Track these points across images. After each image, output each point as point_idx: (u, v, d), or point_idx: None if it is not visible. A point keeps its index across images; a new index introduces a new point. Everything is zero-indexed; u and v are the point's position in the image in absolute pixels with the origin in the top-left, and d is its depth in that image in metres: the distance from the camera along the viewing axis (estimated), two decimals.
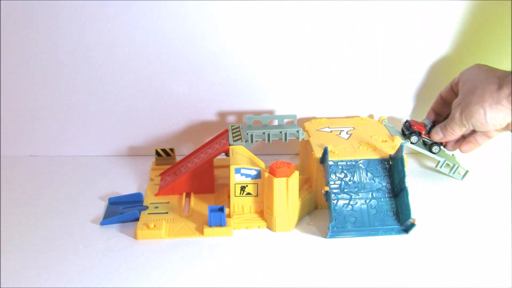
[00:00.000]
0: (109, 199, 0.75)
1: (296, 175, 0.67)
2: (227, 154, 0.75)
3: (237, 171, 0.68)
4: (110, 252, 0.64)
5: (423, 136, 0.78)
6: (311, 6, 0.79)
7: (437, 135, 0.75)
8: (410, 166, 0.84)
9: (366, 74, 0.84)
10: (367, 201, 0.69)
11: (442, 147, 0.79)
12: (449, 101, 0.76)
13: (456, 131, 0.71)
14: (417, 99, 0.85)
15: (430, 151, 0.78)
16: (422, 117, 0.82)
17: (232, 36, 0.81)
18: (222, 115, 0.86)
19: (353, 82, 0.84)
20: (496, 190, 0.78)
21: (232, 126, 0.79)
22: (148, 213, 0.71)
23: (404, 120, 0.80)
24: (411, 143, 0.78)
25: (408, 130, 0.78)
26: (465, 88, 0.68)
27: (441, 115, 0.79)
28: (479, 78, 0.66)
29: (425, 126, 0.78)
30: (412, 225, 0.66)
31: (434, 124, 0.78)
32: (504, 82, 0.62)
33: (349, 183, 0.70)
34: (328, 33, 0.81)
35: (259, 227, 0.69)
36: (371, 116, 0.86)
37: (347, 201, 0.69)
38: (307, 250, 0.65)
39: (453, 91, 0.74)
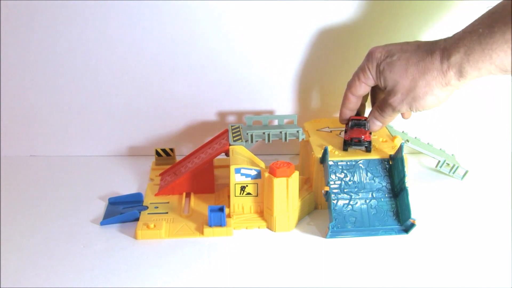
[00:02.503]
0: (109, 199, 0.75)
1: (296, 175, 0.67)
2: (227, 154, 0.75)
3: (237, 171, 0.68)
4: (110, 252, 0.64)
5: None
6: (311, 6, 0.79)
7: (376, 127, 0.72)
8: (410, 166, 0.84)
9: None
10: (367, 201, 0.69)
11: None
12: (362, 95, 0.73)
13: (395, 117, 0.70)
14: None
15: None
16: None
17: (232, 36, 0.81)
18: (222, 115, 0.86)
19: None
20: (496, 190, 0.78)
21: (232, 126, 0.79)
22: (148, 213, 0.71)
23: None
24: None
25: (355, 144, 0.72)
26: (399, 86, 0.65)
27: (356, 110, 0.75)
28: (406, 69, 0.64)
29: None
30: (412, 225, 0.66)
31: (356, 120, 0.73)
32: (443, 66, 0.61)
33: (349, 183, 0.70)
34: (328, 34, 0.81)
35: (259, 227, 0.69)
36: None
37: (347, 201, 0.69)
38: (307, 250, 0.65)
39: (366, 86, 0.71)
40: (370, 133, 0.72)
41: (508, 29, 0.54)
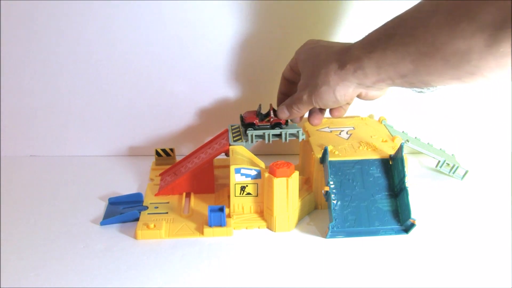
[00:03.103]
0: (109, 199, 0.75)
1: (296, 175, 0.67)
2: (227, 154, 0.75)
3: (237, 171, 0.68)
4: (110, 252, 0.64)
5: (259, 125, 0.75)
6: (310, 6, 0.79)
7: (283, 114, 0.72)
8: (410, 166, 0.84)
9: None
10: (367, 201, 0.69)
11: (284, 125, 0.75)
12: (293, 80, 0.73)
13: (303, 110, 0.70)
14: (416, 98, 0.85)
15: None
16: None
17: (232, 36, 0.81)
18: (222, 115, 0.86)
19: None
20: (496, 190, 0.78)
21: (232, 126, 0.79)
22: (148, 213, 0.71)
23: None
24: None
25: (244, 126, 0.75)
26: (307, 70, 0.66)
27: (289, 94, 0.74)
28: (318, 58, 0.65)
29: (257, 114, 0.75)
30: (412, 225, 0.66)
31: (273, 109, 0.74)
32: (345, 58, 0.61)
33: (349, 183, 0.70)
34: (328, 33, 0.81)
35: (259, 227, 0.69)
36: (371, 116, 0.86)
37: (347, 201, 0.69)
38: (307, 250, 0.65)
39: (294, 71, 0.72)
40: (259, 120, 0.74)
41: (406, 34, 0.54)
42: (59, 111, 0.86)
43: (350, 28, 0.81)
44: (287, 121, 0.74)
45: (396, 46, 0.55)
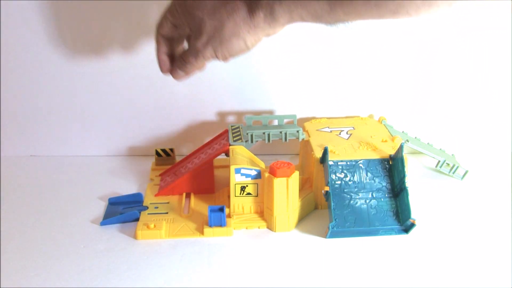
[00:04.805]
0: (109, 199, 0.75)
1: (296, 175, 0.67)
2: (227, 154, 0.75)
3: (237, 171, 0.68)
4: (110, 252, 0.64)
5: None
6: None
7: (180, 76, 0.67)
8: (410, 166, 0.84)
9: (366, 74, 0.84)
10: (367, 201, 0.69)
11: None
12: (174, 37, 0.67)
13: (199, 65, 0.65)
14: (416, 98, 0.85)
15: None
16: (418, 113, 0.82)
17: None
18: (222, 115, 0.86)
19: (353, 82, 0.84)
20: (496, 190, 0.78)
21: (232, 126, 0.79)
22: (148, 213, 0.71)
23: None
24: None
25: None
26: (205, 27, 0.60)
27: (174, 53, 0.69)
28: (217, 10, 0.59)
29: None
30: (412, 225, 0.66)
31: None
32: (253, 6, 0.57)
33: (349, 183, 0.70)
34: (328, 33, 0.81)
35: (259, 227, 0.69)
36: (371, 116, 0.86)
37: (347, 201, 0.69)
38: (307, 250, 0.65)
39: (177, 27, 0.65)
40: None
41: None
42: (59, 111, 0.86)
43: None
44: None
45: None
